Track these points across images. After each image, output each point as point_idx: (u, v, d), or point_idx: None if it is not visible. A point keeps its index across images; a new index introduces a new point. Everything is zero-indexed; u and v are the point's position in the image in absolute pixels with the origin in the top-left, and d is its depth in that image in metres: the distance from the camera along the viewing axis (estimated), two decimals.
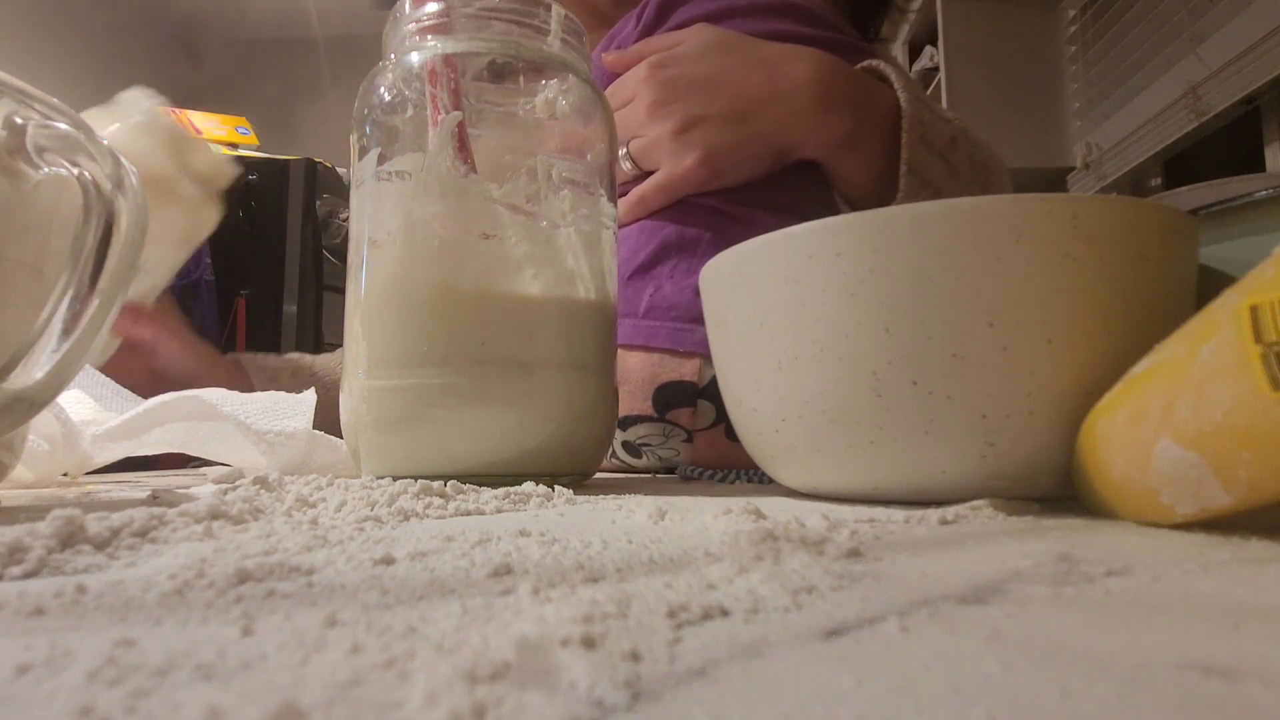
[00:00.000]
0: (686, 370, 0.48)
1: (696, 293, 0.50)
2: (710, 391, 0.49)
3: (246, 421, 0.39)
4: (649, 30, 0.60)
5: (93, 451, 0.40)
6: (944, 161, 0.54)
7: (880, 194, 0.54)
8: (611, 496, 0.31)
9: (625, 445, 0.51)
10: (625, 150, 0.53)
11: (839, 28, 0.63)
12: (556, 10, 0.38)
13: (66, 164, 0.26)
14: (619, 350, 0.47)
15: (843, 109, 0.52)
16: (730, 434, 0.49)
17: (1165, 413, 0.19)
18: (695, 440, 0.50)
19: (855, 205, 0.56)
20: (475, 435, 0.34)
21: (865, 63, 0.57)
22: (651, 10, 0.61)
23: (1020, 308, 0.24)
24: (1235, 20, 1.45)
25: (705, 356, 0.48)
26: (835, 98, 0.52)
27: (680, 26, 0.58)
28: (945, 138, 0.55)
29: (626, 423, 0.50)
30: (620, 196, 0.53)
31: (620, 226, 0.53)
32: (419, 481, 0.29)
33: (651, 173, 0.53)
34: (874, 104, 0.54)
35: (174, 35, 2.82)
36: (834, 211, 0.56)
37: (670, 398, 0.49)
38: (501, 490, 0.29)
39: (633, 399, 0.49)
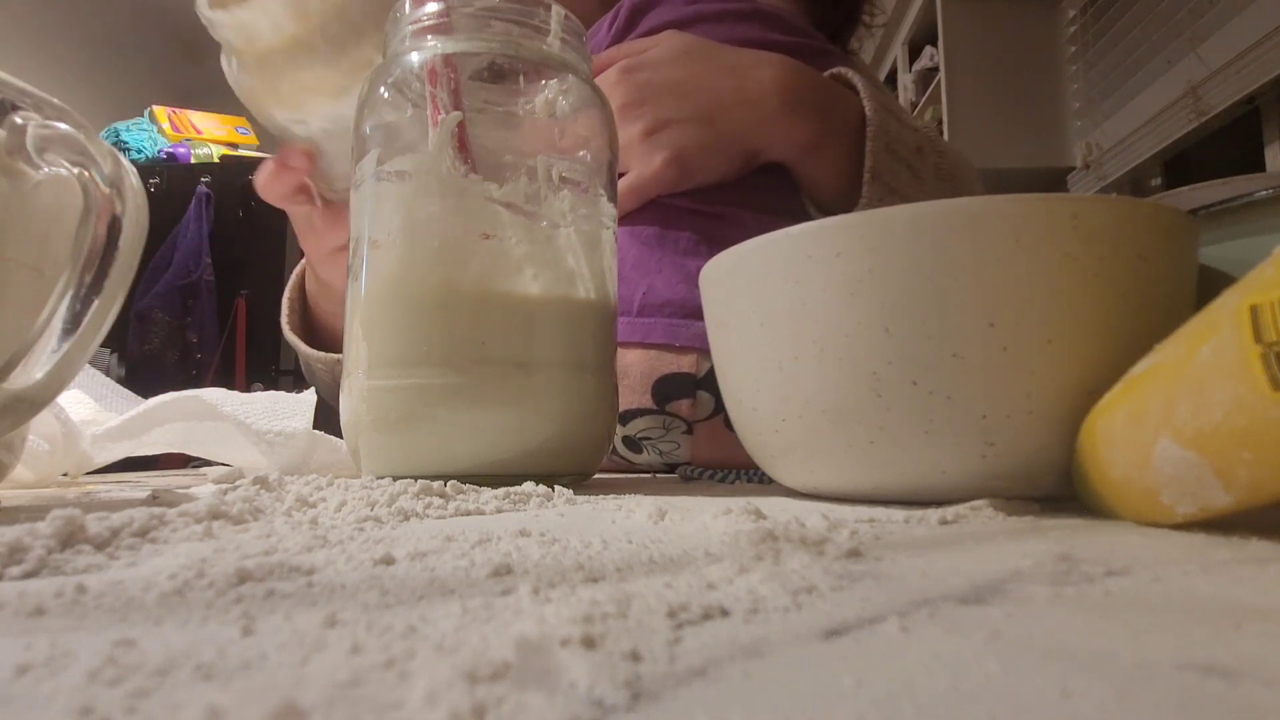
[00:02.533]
0: (684, 363, 0.49)
1: (688, 287, 0.51)
2: (708, 382, 0.49)
3: (246, 421, 0.39)
4: (620, 36, 0.62)
5: (93, 451, 0.40)
6: (909, 169, 0.56)
7: (846, 198, 0.56)
8: (611, 496, 0.31)
9: (625, 440, 0.51)
10: None
11: (808, 33, 0.65)
12: (556, 10, 0.38)
13: (66, 164, 0.26)
14: (616, 347, 0.48)
15: (808, 114, 0.54)
16: (730, 424, 0.49)
17: (1165, 413, 0.19)
18: (695, 431, 0.50)
19: (823, 208, 0.57)
20: (475, 435, 0.34)
21: (833, 70, 0.59)
22: (623, 16, 0.62)
23: (1020, 308, 0.24)
24: (1235, 20, 1.45)
25: (702, 351, 0.49)
26: (801, 103, 0.53)
27: (650, 32, 0.59)
28: (911, 146, 0.57)
29: (626, 417, 0.50)
30: None
31: None
32: (419, 481, 0.29)
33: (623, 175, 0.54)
34: (840, 110, 0.55)
35: (174, 35, 2.82)
36: (807, 213, 0.57)
37: (669, 390, 0.49)
38: (501, 490, 0.29)
39: (632, 393, 0.49)
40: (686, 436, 0.50)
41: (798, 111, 0.53)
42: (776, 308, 0.28)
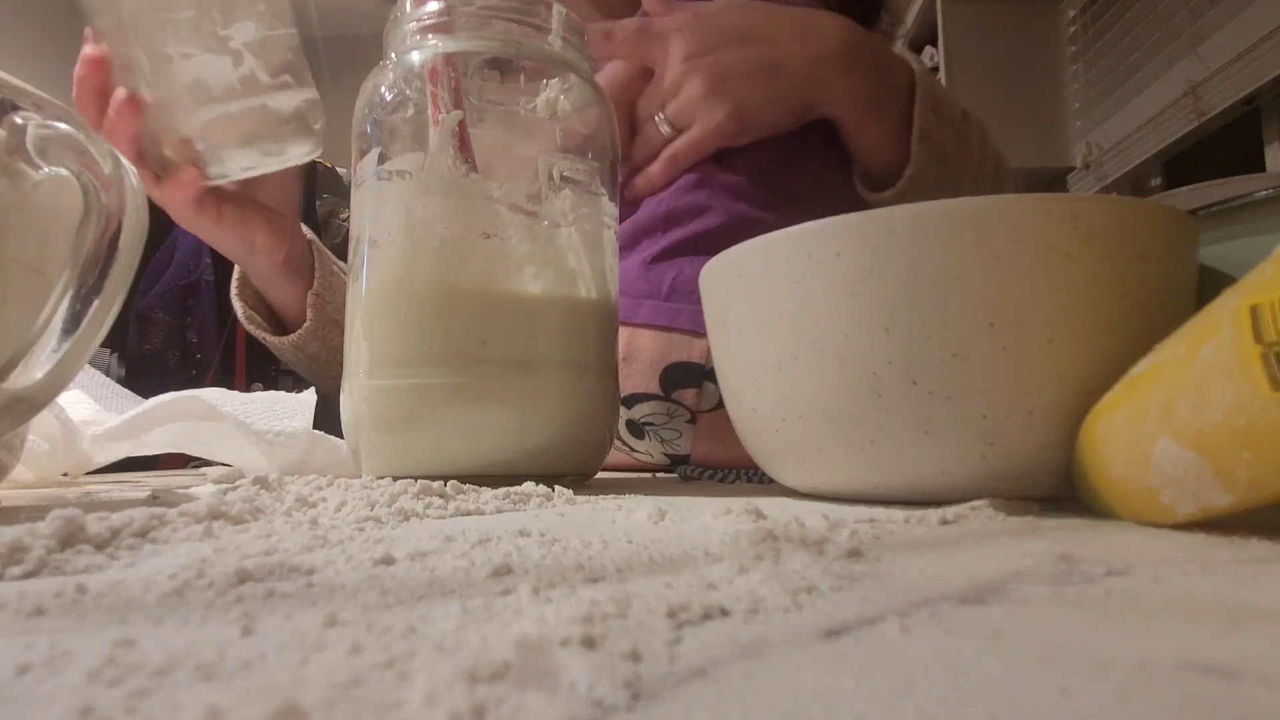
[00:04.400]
0: (696, 351, 0.49)
1: None
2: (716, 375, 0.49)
3: (246, 421, 0.39)
4: None
5: (93, 451, 0.40)
6: (955, 133, 0.57)
7: (896, 163, 0.57)
8: (611, 496, 0.31)
9: (629, 425, 0.51)
10: (663, 115, 0.55)
11: None
12: (558, 9, 0.38)
13: (66, 164, 0.26)
14: (630, 330, 0.48)
15: (867, 72, 0.55)
16: None
17: (1165, 413, 0.19)
18: (698, 422, 0.50)
19: (872, 179, 0.58)
20: (475, 435, 0.34)
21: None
22: None
23: (1020, 308, 0.24)
24: (1235, 20, 1.45)
25: None
26: (861, 60, 0.55)
27: None
28: (957, 111, 0.58)
29: (632, 400, 0.50)
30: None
31: (655, 191, 0.55)
32: (419, 481, 0.29)
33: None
34: (893, 73, 0.57)
35: None
36: (854, 205, 0.58)
37: (677, 378, 0.49)
38: (501, 490, 0.29)
39: (640, 377, 0.49)
40: (690, 426, 0.50)
41: (858, 68, 0.54)
42: (776, 308, 0.28)
